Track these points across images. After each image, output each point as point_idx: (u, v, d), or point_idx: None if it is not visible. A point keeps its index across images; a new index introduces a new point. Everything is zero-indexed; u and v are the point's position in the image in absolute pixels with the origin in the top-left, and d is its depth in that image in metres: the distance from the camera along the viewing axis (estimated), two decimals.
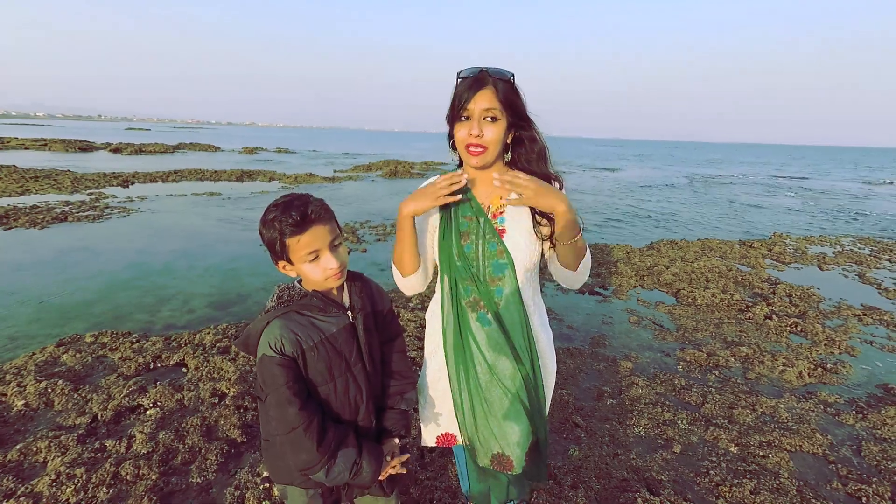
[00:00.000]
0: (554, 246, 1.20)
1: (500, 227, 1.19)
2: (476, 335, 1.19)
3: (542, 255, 1.24)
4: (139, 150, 22.73)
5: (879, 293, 5.12)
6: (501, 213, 1.20)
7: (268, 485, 1.94)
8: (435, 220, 1.25)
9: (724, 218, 10.49)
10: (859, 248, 7.41)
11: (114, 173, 12.73)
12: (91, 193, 9.73)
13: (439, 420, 1.31)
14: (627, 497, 1.96)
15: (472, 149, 1.13)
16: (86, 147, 22.47)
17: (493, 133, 1.11)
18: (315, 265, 1.02)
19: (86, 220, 7.28)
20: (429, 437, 1.34)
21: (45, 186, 10.15)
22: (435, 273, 1.31)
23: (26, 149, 21.14)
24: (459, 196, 1.12)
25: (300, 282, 1.10)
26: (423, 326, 3.60)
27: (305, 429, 0.99)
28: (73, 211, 7.85)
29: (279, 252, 1.01)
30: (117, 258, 5.44)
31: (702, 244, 6.95)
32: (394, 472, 1.19)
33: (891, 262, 6.60)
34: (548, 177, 1.19)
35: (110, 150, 22.32)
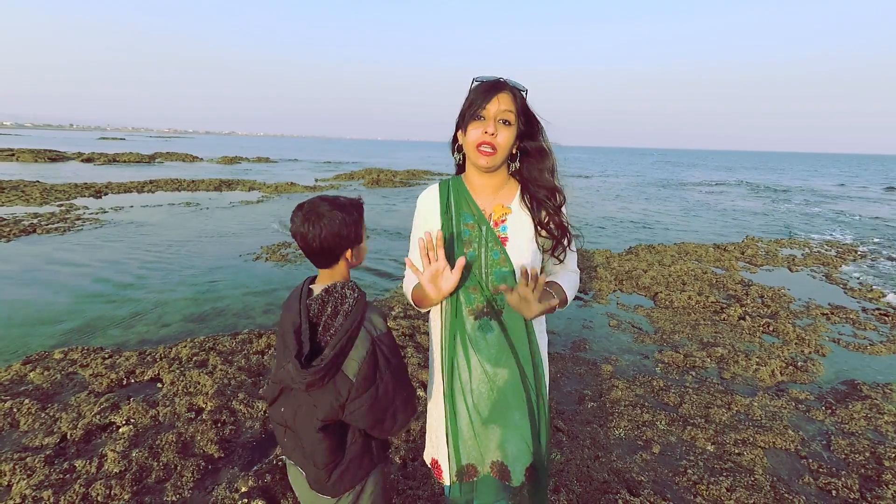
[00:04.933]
0: (554, 255, 1.23)
1: (503, 236, 1.19)
2: (477, 344, 1.18)
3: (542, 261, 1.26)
4: (113, 159, 22.16)
5: (845, 293, 5.33)
6: (504, 221, 1.20)
7: (246, 500, 1.90)
8: (435, 226, 1.24)
9: (700, 222, 10.79)
10: (826, 251, 7.71)
11: (86, 184, 12.35)
12: (61, 205, 9.42)
13: (433, 443, 1.32)
14: (608, 499, 1.98)
15: (483, 148, 1.12)
16: (56, 157, 21.76)
17: (506, 137, 1.12)
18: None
19: (55, 233, 7.04)
20: (426, 455, 1.37)
21: (13, 198, 9.79)
22: None
23: None
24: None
25: (346, 282, 1.13)
26: (404, 335, 3.59)
27: (412, 388, 1.16)
28: (42, 223, 7.58)
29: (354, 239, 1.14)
30: (88, 271, 5.27)
31: (678, 248, 7.13)
32: None
33: (855, 262, 6.89)
34: (553, 189, 1.20)
35: (82, 161, 21.68)
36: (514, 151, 1.19)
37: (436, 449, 1.31)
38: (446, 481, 1.28)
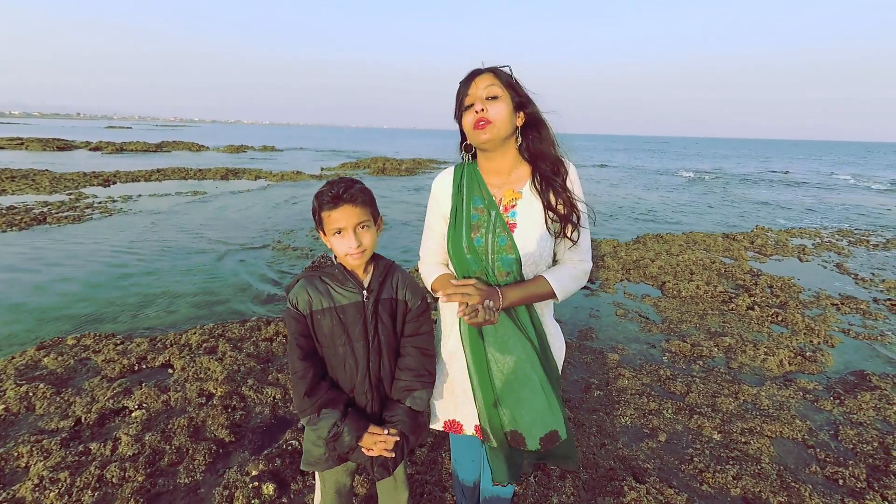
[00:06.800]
0: (566, 236, 1.21)
1: (512, 222, 1.18)
2: (485, 331, 1.19)
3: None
4: (120, 148, 22.25)
5: (856, 283, 5.27)
6: (514, 206, 1.20)
7: (257, 483, 1.93)
8: (446, 209, 1.24)
9: (708, 211, 10.67)
10: (837, 240, 7.60)
11: (94, 173, 12.43)
12: (71, 193, 9.50)
13: (448, 405, 1.31)
14: (614, 485, 2.00)
15: (478, 123, 1.13)
16: (64, 146, 21.90)
17: (497, 109, 1.13)
18: (338, 239, 1.16)
19: (66, 221, 7.11)
20: (436, 422, 1.34)
21: (23, 186, 9.88)
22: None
23: (2, 148, 20.53)
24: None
25: (335, 256, 1.24)
26: None
27: (300, 377, 1.15)
28: (53, 211, 7.66)
29: (317, 221, 1.18)
30: (99, 259, 5.33)
31: (686, 238, 7.06)
32: (380, 454, 1.16)
33: (868, 251, 6.79)
34: (556, 162, 1.20)
35: (90, 149, 21.81)
36: (517, 125, 1.18)
37: (453, 410, 1.30)
38: (468, 431, 1.27)
